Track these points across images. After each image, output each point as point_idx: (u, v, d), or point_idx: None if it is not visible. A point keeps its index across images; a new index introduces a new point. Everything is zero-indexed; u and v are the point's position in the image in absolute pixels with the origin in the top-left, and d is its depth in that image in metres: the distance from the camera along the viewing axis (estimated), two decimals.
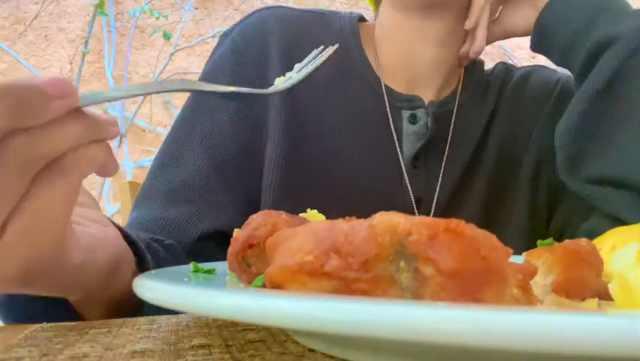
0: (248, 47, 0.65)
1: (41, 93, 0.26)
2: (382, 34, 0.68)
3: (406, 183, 0.63)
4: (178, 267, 0.39)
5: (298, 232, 0.24)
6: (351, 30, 0.68)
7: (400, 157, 0.64)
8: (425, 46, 0.65)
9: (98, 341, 0.30)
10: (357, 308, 0.17)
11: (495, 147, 0.67)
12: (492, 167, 0.67)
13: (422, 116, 0.65)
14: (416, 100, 0.66)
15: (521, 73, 0.73)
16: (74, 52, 2.65)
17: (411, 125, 0.65)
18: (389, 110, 0.65)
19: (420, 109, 0.65)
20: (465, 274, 0.20)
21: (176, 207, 0.59)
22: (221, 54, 0.66)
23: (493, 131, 0.68)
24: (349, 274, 0.21)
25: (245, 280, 0.31)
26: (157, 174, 0.62)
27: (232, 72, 0.64)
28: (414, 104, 0.65)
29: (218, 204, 0.60)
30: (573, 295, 0.27)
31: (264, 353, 0.26)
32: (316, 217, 0.38)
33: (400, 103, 0.66)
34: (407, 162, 0.64)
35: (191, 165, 0.61)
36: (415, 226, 0.21)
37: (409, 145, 0.64)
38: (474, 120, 0.68)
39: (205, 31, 2.66)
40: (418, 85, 0.67)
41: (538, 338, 0.15)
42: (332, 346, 0.25)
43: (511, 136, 0.68)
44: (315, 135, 0.63)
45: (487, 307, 0.17)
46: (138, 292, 0.27)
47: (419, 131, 0.65)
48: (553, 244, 0.30)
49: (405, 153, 0.64)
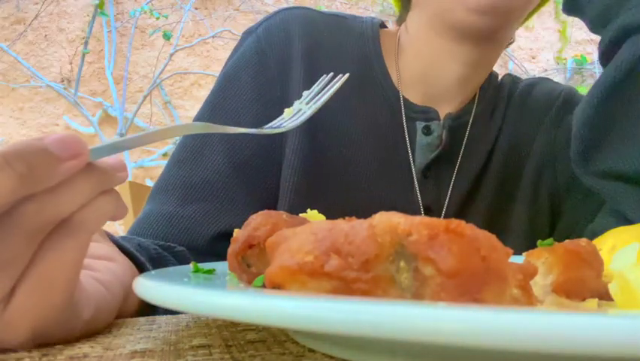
0: (272, 47, 0.64)
1: (51, 157, 0.25)
2: (409, 44, 0.67)
3: (417, 193, 0.64)
4: (178, 267, 0.39)
5: (298, 232, 0.24)
6: (372, 36, 0.67)
7: (412, 167, 0.64)
8: (454, 65, 0.63)
9: (98, 341, 0.30)
10: (357, 308, 0.17)
11: (501, 158, 0.68)
12: (497, 178, 0.67)
13: (436, 129, 0.65)
14: (431, 112, 0.65)
15: (525, 84, 0.73)
16: (74, 52, 2.65)
17: (425, 137, 0.64)
18: (405, 121, 0.65)
19: (434, 121, 0.65)
20: (465, 274, 0.20)
21: (193, 204, 0.59)
22: (244, 53, 0.65)
23: (500, 142, 0.68)
24: (349, 275, 0.21)
25: (245, 280, 0.31)
26: (174, 169, 0.61)
27: (255, 73, 0.63)
28: (429, 116, 0.65)
29: (236, 203, 0.60)
30: (573, 295, 0.27)
31: (264, 353, 0.26)
32: (316, 217, 0.38)
33: (415, 114, 0.65)
34: (418, 173, 0.64)
35: (210, 163, 0.60)
36: (415, 226, 0.21)
37: (422, 156, 0.64)
38: (486, 133, 0.68)
39: (205, 31, 2.66)
40: (437, 99, 0.67)
41: (538, 338, 0.15)
42: (332, 346, 0.25)
43: (515, 146, 0.69)
44: (331, 143, 0.63)
45: (487, 308, 0.17)
46: (138, 292, 0.27)
47: (432, 142, 0.64)
48: (553, 244, 0.30)
49: (417, 163, 0.64)
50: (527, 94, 0.71)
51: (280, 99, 0.62)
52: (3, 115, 3.25)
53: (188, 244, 0.57)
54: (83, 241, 0.28)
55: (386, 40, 0.68)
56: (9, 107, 3.24)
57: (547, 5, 0.70)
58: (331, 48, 0.65)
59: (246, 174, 0.61)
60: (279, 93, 0.63)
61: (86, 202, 0.27)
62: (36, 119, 3.26)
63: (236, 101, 0.63)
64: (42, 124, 3.26)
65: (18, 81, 3.09)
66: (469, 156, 0.66)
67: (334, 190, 0.62)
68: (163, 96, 2.61)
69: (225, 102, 0.63)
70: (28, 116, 3.26)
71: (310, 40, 0.64)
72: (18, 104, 3.24)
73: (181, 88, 2.63)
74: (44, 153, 0.25)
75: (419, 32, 0.65)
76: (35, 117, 3.26)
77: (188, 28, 2.64)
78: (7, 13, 2.92)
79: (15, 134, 3.27)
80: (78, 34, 2.65)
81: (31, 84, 3.04)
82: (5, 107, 3.24)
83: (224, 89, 0.64)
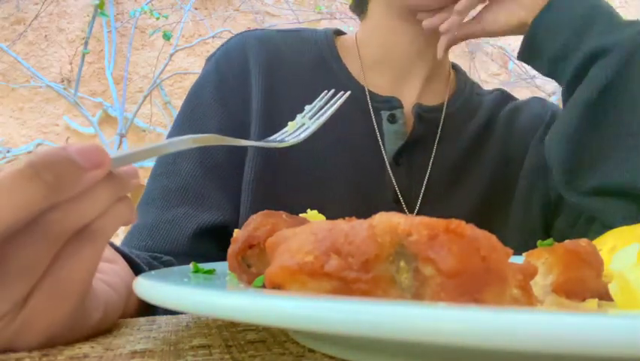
0: (230, 64, 0.69)
1: (76, 166, 0.25)
2: (369, 34, 0.72)
3: (391, 179, 0.66)
4: (178, 267, 0.39)
5: (298, 232, 0.24)
6: (327, 42, 0.72)
7: (383, 155, 0.67)
8: (406, 38, 0.68)
9: (98, 341, 0.30)
10: (357, 308, 0.17)
11: (487, 169, 0.70)
12: (484, 186, 0.69)
13: (401, 116, 0.68)
14: (394, 101, 0.69)
15: (516, 103, 0.77)
16: (74, 52, 2.65)
17: (391, 125, 0.68)
18: (372, 112, 0.68)
19: (398, 109, 0.68)
20: (465, 274, 0.20)
21: (173, 209, 0.62)
22: (205, 73, 0.71)
23: (486, 151, 0.71)
24: (349, 275, 0.21)
25: (245, 280, 0.31)
26: (153, 183, 0.65)
27: (215, 86, 0.68)
28: (392, 105, 0.69)
29: (214, 202, 0.63)
30: (573, 295, 0.27)
31: (264, 354, 0.26)
32: (316, 218, 0.38)
33: (379, 104, 0.69)
34: (390, 159, 0.67)
35: (184, 170, 0.64)
36: (415, 227, 0.21)
37: (391, 143, 0.67)
38: (462, 131, 0.71)
39: (205, 32, 2.66)
40: (401, 83, 0.70)
41: (538, 339, 0.15)
42: (332, 346, 0.25)
43: (504, 160, 0.71)
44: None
45: (487, 308, 0.17)
46: (138, 293, 0.27)
47: (399, 130, 0.68)
48: (553, 244, 0.30)
49: (387, 151, 0.67)
50: (517, 112, 0.75)
51: (242, 107, 0.66)
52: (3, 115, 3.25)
53: (170, 247, 0.59)
54: (101, 246, 0.29)
55: (344, 43, 0.74)
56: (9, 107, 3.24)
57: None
58: (289, 58, 0.70)
59: (218, 175, 0.64)
60: (239, 101, 0.67)
61: (105, 209, 0.28)
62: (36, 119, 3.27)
63: (202, 109, 0.67)
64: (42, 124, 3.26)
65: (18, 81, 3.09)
66: (444, 149, 0.69)
67: (303, 181, 0.64)
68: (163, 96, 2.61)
69: (195, 111, 0.68)
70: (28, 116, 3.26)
71: (267, 55, 0.69)
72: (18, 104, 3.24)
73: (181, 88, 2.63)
74: (69, 162, 0.25)
75: (380, 20, 0.70)
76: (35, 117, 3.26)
77: (188, 28, 2.64)
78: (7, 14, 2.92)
79: (15, 134, 3.27)
80: (78, 35, 2.65)
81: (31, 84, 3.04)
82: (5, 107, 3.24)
83: (190, 102, 0.69)
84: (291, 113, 0.66)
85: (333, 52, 0.71)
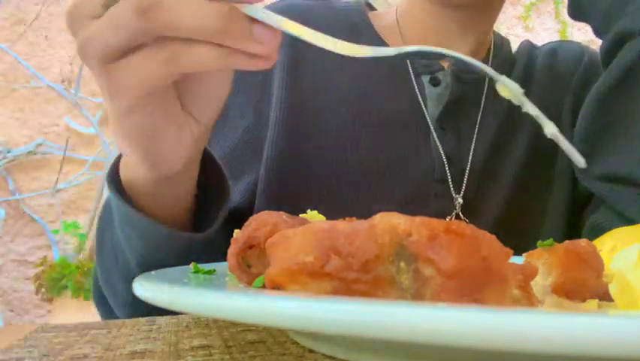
0: None
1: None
2: (404, 10, 0.71)
3: (436, 143, 0.64)
4: (178, 267, 0.39)
5: (298, 232, 0.24)
6: (357, 9, 0.71)
7: (427, 119, 0.65)
8: (443, 22, 0.67)
9: (98, 341, 0.30)
10: (357, 309, 0.17)
11: (531, 124, 0.67)
12: (527, 145, 0.67)
13: (444, 78, 0.66)
14: (435, 64, 0.67)
15: (547, 49, 0.74)
16: (74, 52, 2.66)
17: (434, 88, 0.66)
18: (413, 77, 0.66)
19: (440, 72, 0.67)
20: (465, 274, 0.20)
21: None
22: None
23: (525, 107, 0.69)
24: (349, 275, 0.21)
25: (245, 280, 0.31)
26: None
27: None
28: (433, 69, 0.67)
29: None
30: (573, 296, 0.28)
31: (264, 354, 0.26)
32: (316, 218, 0.38)
33: (420, 68, 0.67)
34: (434, 123, 0.65)
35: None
36: (415, 227, 0.21)
37: (434, 108, 0.66)
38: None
39: None
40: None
41: (538, 339, 0.15)
42: (332, 347, 0.25)
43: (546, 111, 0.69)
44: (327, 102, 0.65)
45: (488, 308, 0.17)
46: (138, 293, 0.27)
47: (442, 93, 0.66)
48: (553, 244, 0.30)
49: (430, 114, 0.66)
50: (551, 59, 0.72)
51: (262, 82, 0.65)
52: (3, 115, 3.25)
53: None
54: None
55: (378, 16, 0.72)
56: (9, 107, 3.24)
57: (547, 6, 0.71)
58: (315, 25, 0.68)
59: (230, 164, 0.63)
60: (260, 77, 0.65)
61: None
62: (36, 119, 3.27)
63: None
64: (42, 124, 3.26)
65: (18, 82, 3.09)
66: (489, 112, 0.67)
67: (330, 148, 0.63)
68: None
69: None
70: (29, 116, 3.26)
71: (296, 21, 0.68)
72: (18, 104, 3.24)
73: None
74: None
75: (413, 7, 0.69)
76: (36, 118, 3.26)
77: None
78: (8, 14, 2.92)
79: (15, 134, 3.27)
80: None
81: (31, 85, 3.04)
82: (6, 107, 3.24)
83: None
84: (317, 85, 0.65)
85: (365, 18, 0.70)
